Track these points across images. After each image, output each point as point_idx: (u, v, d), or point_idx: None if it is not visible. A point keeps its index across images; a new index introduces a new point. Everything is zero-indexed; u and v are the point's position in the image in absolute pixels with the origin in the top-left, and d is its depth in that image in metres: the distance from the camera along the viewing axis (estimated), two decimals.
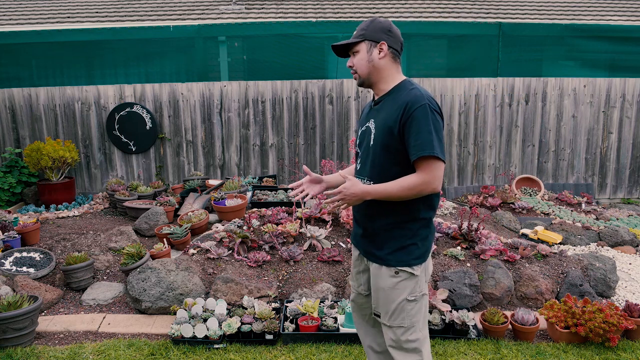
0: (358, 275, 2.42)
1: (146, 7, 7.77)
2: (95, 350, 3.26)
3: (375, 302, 2.24)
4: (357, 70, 2.17)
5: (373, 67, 2.14)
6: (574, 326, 3.32)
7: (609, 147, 7.17)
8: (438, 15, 7.28)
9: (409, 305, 2.14)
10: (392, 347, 2.21)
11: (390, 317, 2.17)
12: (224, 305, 3.63)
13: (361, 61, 2.15)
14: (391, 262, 2.14)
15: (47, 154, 6.06)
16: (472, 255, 4.18)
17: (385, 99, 2.17)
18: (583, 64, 7.20)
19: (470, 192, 6.91)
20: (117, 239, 4.81)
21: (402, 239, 2.14)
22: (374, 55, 2.13)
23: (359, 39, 2.14)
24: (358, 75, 2.18)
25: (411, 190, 2.01)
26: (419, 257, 2.15)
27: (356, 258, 2.42)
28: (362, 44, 2.14)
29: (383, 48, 2.13)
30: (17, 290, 3.81)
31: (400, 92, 2.11)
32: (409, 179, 2.02)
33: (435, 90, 6.93)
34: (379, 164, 2.13)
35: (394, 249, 2.14)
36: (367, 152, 2.18)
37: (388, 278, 2.15)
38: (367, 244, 2.25)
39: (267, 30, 6.87)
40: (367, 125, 2.22)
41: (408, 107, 2.01)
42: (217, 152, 7.01)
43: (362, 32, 2.15)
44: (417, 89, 2.07)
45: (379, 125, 2.13)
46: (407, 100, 2.02)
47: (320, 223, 4.74)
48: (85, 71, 6.95)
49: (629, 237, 5.12)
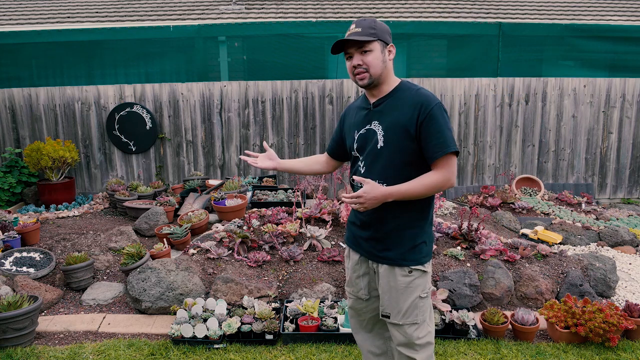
0: (357, 279, 2.38)
1: (146, 7, 7.77)
2: (95, 350, 3.26)
3: (386, 303, 2.22)
4: (371, 69, 2.09)
5: (385, 68, 2.13)
6: (574, 326, 3.32)
7: (609, 147, 7.17)
8: (438, 15, 7.28)
9: (421, 302, 2.19)
10: (404, 345, 2.21)
11: (403, 316, 2.18)
12: (224, 305, 3.63)
13: (376, 60, 2.09)
14: (405, 262, 2.16)
15: (47, 154, 6.06)
16: (472, 255, 4.18)
17: (386, 100, 2.16)
18: (583, 64, 7.20)
19: (470, 192, 6.91)
20: (117, 239, 4.81)
21: (414, 238, 2.16)
22: (386, 56, 2.14)
23: (373, 37, 2.08)
24: (369, 75, 2.10)
25: (435, 188, 2.06)
26: (428, 254, 2.21)
27: (356, 262, 2.36)
28: (376, 43, 2.09)
29: (392, 50, 2.15)
30: (17, 290, 3.81)
31: (405, 93, 2.13)
32: (431, 177, 2.05)
33: (435, 90, 6.93)
34: (392, 166, 2.12)
35: (407, 248, 2.16)
36: (376, 154, 2.15)
37: (401, 278, 2.16)
38: (375, 246, 2.23)
39: (267, 30, 6.87)
40: (368, 128, 2.19)
41: (424, 107, 2.03)
42: (217, 152, 7.01)
43: (372, 30, 2.08)
44: (423, 89, 2.12)
45: (389, 127, 2.11)
46: (421, 101, 2.05)
47: (320, 223, 4.74)
48: (85, 71, 6.96)
49: (629, 237, 5.12)
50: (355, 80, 2.16)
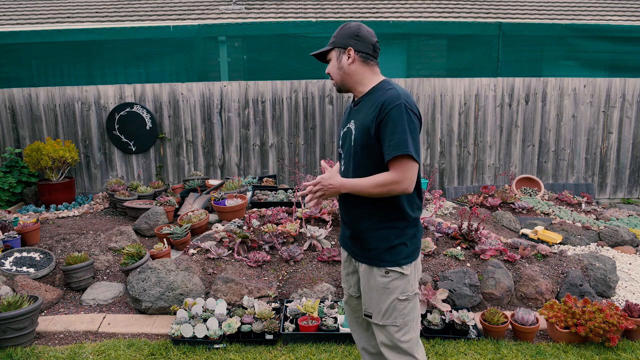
0: (348, 277, 2.41)
1: (146, 7, 7.77)
2: (95, 350, 3.26)
3: (367, 302, 2.23)
4: (332, 76, 2.22)
5: (344, 73, 2.18)
6: (574, 326, 3.32)
7: (609, 147, 7.17)
8: (438, 15, 7.28)
9: (401, 305, 2.16)
10: (386, 346, 2.21)
11: (382, 317, 2.18)
12: (224, 305, 3.63)
13: (332, 68, 2.20)
14: (381, 262, 2.15)
15: (47, 154, 6.06)
16: (472, 255, 4.18)
17: (363, 99, 2.18)
18: (583, 64, 7.20)
19: (470, 192, 6.91)
20: (117, 239, 4.81)
21: (390, 238, 2.14)
22: (343, 61, 2.16)
23: (329, 47, 2.19)
24: (334, 82, 2.23)
25: (382, 187, 2.01)
26: (408, 257, 2.16)
27: (345, 260, 2.42)
28: (332, 51, 2.19)
29: (350, 54, 2.15)
30: (17, 290, 3.81)
31: (377, 92, 2.12)
32: (380, 176, 2.03)
33: (435, 90, 6.93)
34: (360, 165, 2.14)
35: (383, 249, 2.14)
36: (349, 153, 2.19)
37: (379, 278, 2.16)
38: (354, 245, 2.25)
39: (267, 30, 6.87)
40: (348, 127, 2.23)
41: (384, 107, 2.01)
42: (217, 152, 7.01)
43: (332, 39, 2.19)
44: (394, 88, 2.07)
45: (358, 126, 2.14)
46: (384, 100, 2.03)
47: (320, 223, 4.74)
48: (85, 71, 6.96)
49: (629, 237, 5.12)
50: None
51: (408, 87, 6.86)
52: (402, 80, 6.92)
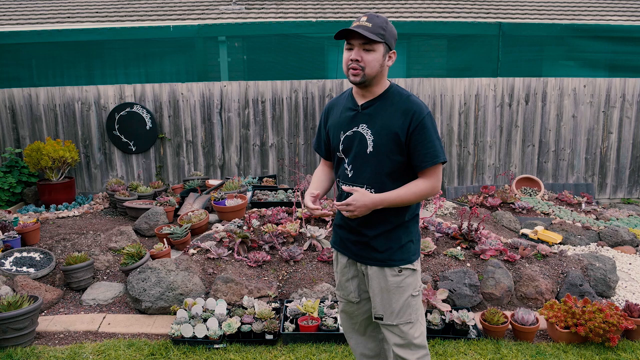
0: (347, 282, 2.35)
1: (146, 7, 7.77)
2: (95, 350, 3.26)
3: (378, 304, 2.21)
4: (367, 68, 2.03)
5: (380, 71, 2.09)
6: (574, 326, 3.32)
7: (609, 147, 7.17)
8: (438, 15, 7.28)
9: (414, 301, 2.21)
10: (400, 346, 2.21)
11: (397, 316, 2.18)
12: (224, 305, 3.63)
13: (374, 62, 2.03)
14: (394, 262, 2.16)
15: (47, 154, 6.06)
16: (472, 255, 4.18)
17: (376, 103, 2.13)
18: (583, 64, 7.21)
19: (470, 192, 6.91)
20: (117, 239, 4.81)
21: (402, 238, 2.18)
22: (387, 60, 2.10)
23: (380, 39, 2.02)
24: (363, 74, 2.04)
25: (423, 196, 2.11)
26: (416, 252, 2.23)
27: (344, 265, 2.34)
28: (381, 45, 2.04)
29: (392, 57, 2.12)
30: (17, 290, 3.81)
31: (395, 98, 2.12)
32: (419, 185, 2.10)
33: (435, 90, 6.93)
34: (381, 172, 2.10)
35: (395, 248, 2.16)
36: (364, 158, 2.12)
37: (391, 278, 2.17)
38: (362, 249, 2.22)
39: (267, 30, 6.87)
40: (355, 130, 2.15)
41: (416, 116, 2.05)
42: (217, 152, 7.01)
43: (382, 32, 2.02)
44: (413, 95, 2.14)
45: (379, 131, 2.09)
46: (413, 109, 2.06)
47: (320, 223, 4.74)
48: (85, 71, 6.96)
49: (629, 237, 5.12)
50: (347, 73, 2.09)
51: (408, 87, 6.85)
52: (402, 80, 6.91)
